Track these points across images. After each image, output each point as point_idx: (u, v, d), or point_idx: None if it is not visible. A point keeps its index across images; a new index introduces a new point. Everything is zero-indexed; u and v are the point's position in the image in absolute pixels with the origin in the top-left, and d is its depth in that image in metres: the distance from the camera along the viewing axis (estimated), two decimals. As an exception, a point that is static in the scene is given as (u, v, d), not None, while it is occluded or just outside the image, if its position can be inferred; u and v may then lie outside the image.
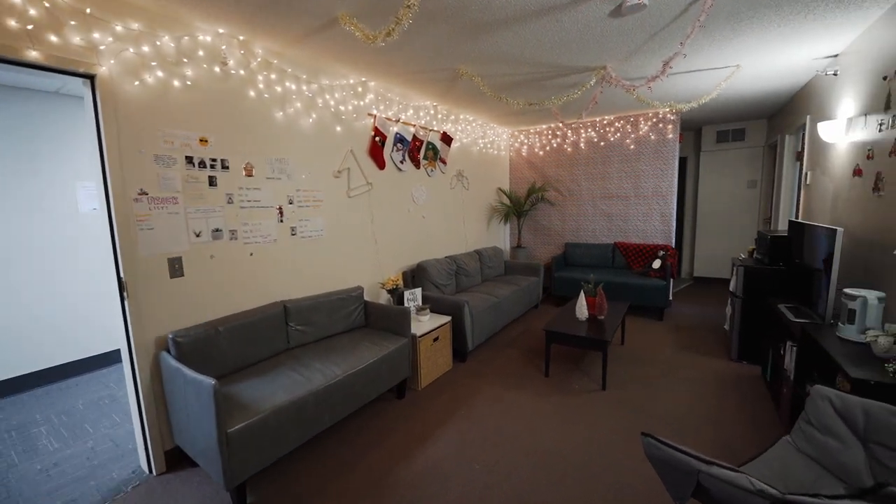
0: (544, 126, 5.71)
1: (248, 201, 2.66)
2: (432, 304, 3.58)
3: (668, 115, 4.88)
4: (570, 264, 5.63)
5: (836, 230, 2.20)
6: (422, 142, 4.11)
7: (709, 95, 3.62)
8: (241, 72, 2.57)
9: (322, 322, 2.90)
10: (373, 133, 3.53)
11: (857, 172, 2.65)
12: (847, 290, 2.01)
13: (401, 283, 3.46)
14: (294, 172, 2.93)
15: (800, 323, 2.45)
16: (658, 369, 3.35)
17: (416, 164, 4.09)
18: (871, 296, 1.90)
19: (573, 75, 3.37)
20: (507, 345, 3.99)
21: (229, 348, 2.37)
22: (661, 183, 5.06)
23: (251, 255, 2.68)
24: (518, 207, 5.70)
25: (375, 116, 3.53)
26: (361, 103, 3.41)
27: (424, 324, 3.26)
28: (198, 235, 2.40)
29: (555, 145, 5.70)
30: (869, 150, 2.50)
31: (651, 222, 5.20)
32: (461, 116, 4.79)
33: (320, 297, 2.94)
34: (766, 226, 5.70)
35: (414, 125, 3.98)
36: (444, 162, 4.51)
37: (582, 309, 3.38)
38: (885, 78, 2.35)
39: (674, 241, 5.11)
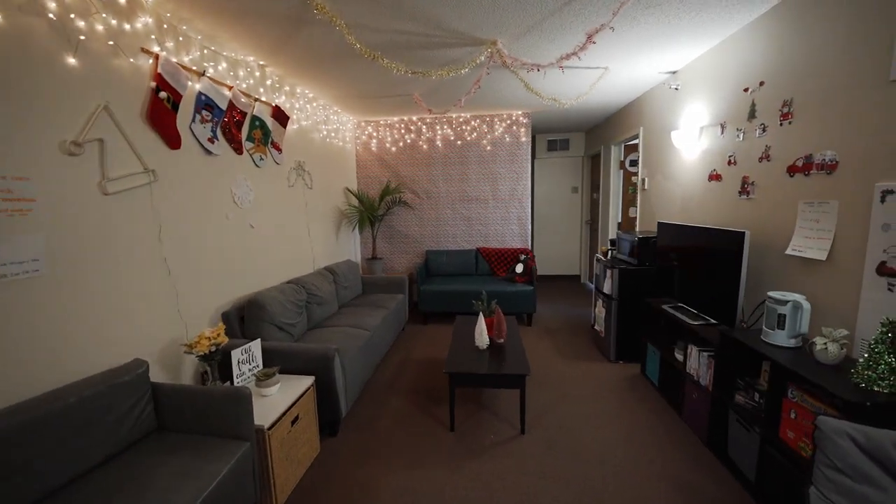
0: (396, 118, 4.96)
1: None
2: (280, 360, 2.34)
3: (521, 118, 4.84)
4: (433, 274, 5.05)
5: (743, 233, 2.18)
6: (244, 114, 2.75)
7: (584, 94, 3.56)
8: None
9: (51, 455, 1.37)
10: (154, 84, 2.04)
11: (715, 177, 2.86)
12: (773, 294, 1.95)
13: (222, 336, 2.10)
14: (-61, 135, 1.29)
15: (708, 326, 2.44)
16: (559, 389, 3.03)
17: (238, 148, 2.71)
18: (802, 299, 1.87)
19: (460, 48, 2.71)
20: (388, 391, 3.05)
21: None
22: (517, 186, 5.01)
23: None
24: (372, 211, 4.78)
25: (158, 57, 2.05)
26: (127, 27, 1.90)
27: (273, 400, 2.03)
28: None
29: (409, 141, 5.02)
30: (730, 156, 2.68)
31: (509, 226, 5.11)
32: (298, 90, 3.56)
33: (40, 403, 1.39)
34: (588, 227, 6.45)
35: (230, 87, 2.60)
36: (278, 149, 3.21)
37: (482, 335, 2.76)
38: (746, 90, 2.52)
39: (530, 243, 5.14)
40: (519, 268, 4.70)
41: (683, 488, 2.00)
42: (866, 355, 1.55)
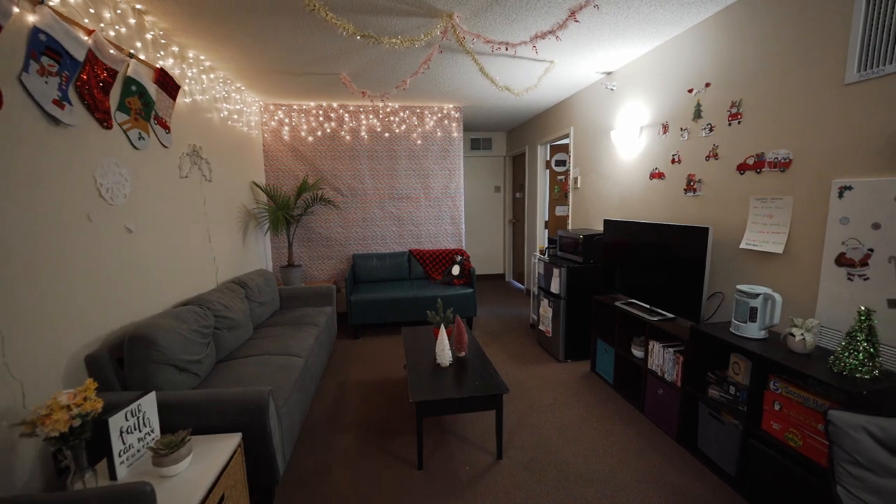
0: (313, 103, 4.30)
1: None
2: (189, 416, 1.67)
3: (452, 112, 4.60)
4: (361, 281, 4.52)
5: (706, 228, 2.21)
6: (113, 73, 1.95)
7: (534, 87, 3.42)
8: None
9: None
10: (-57, -1, 1.25)
11: (657, 175, 2.95)
12: (742, 287, 1.99)
13: (93, 400, 1.37)
14: None
15: (668, 321, 2.46)
16: (520, 398, 2.84)
17: (104, 119, 1.91)
18: (770, 291, 1.92)
19: (410, 17, 2.31)
20: (331, 429, 2.51)
21: None
22: (450, 183, 4.76)
23: None
24: (286, 211, 4.05)
25: (-50, -43, 1.26)
26: None
27: (185, 480, 1.40)
28: None
29: (329, 131, 4.40)
30: (673, 154, 2.78)
31: (442, 226, 4.83)
32: (191, 54, 2.76)
33: None
34: (512, 227, 6.52)
35: (91, 31, 1.81)
36: (165, 126, 2.41)
37: (445, 351, 2.42)
38: (690, 90, 2.61)
39: (464, 243, 4.93)
40: (455, 269, 4.46)
41: (675, 492, 1.93)
42: (845, 343, 1.61)
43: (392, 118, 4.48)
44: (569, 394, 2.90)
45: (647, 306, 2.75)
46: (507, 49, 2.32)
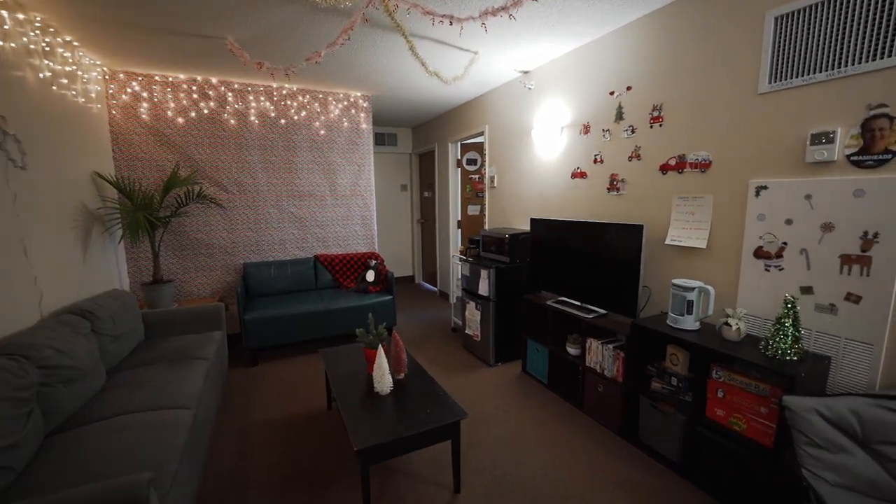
0: (184, 76, 3.40)
1: None
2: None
3: (360, 101, 4.15)
4: (256, 295, 3.77)
5: (640, 226, 2.27)
6: None
7: (459, 77, 3.17)
8: None
9: None
10: None
11: (579, 175, 3.02)
12: (677, 282, 2.08)
13: None
14: None
15: (602, 318, 2.48)
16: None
17: None
18: (706, 285, 2.03)
19: (330, -30, 1.88)
20: (241, 493, 1.92)
21: None
22: (359, 180, 4.30)
23: None
24: (149, 211, 3.12)
25: None
26: None
27: None
28: None
29: (206, 112, 3.55)
30: (595, 155, 2.85)
31: (352, 227, 4.34)
32: (-24, -25, 1.83)
33: None
34: (421, 227, 6.31)
35: None
36: (-72, 79, 1.52)
37: (385, 377, 2.05)
38: (612, 93, 2.69)
39: (377, 245, 4.51)
40: (370, 275, 4.03)
41: (636, 489, 1.91)
42: (774, 329, 1.75)
43: (289, 102, 3.83)
44: (508, 400, 2.78)
45: (579, 304, 2.78)
46: (451, 24, 2.03)
